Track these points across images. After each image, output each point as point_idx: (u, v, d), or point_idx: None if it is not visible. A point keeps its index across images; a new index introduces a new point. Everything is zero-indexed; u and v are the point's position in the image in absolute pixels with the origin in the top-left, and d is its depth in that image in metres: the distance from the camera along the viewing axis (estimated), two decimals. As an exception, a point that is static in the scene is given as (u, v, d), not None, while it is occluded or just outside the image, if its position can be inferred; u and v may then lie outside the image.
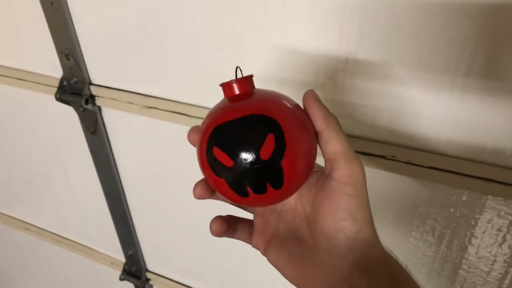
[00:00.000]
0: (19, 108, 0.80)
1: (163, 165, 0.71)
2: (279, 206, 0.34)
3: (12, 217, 1.07)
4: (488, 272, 0.51)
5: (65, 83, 0.67)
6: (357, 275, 0.27)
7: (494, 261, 0.50)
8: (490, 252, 0.50)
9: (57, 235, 1.01)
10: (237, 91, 0.29)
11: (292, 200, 0.33)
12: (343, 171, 0.27)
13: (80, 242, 0.98)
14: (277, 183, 0.27)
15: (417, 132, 0.46)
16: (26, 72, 0.72)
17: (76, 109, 0.69)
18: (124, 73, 0.63)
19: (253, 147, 0.26)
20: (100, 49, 0.62)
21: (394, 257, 0.29)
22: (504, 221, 0.47)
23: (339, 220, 0.27)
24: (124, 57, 0.61)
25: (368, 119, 0.48)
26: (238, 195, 0.28)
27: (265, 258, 0.34)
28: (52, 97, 0.67)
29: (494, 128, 0.42)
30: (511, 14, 0.36)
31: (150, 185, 0.75)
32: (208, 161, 0.28)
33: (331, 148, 0.28)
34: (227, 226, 0.32)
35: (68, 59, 0.64)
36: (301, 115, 0.28)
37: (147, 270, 0.91)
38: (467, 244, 0.50)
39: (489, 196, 0.46)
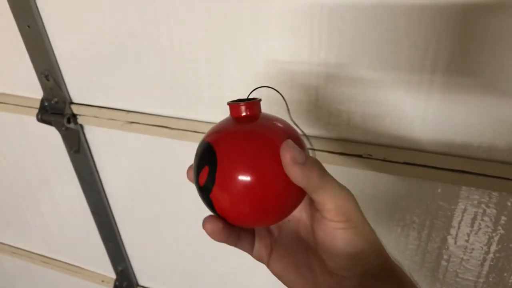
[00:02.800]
0: (0, 131, 0.80)
1: (149, 179, 0.71)
2: None
3: (-2, 242, 1.06)
4: (468, 260, 0.53)
5: (46, 103, 0.67)
6: (366, 284, 0.27)
7: (472, 249, 0.52)
8: (467, 240, 0.52)
9: (45, 256, 1.00)
10: (238, 114, 0.30)
11: (296, 210, 0.32)
12: (331, 208, 0.26)
13: (69, 262, 0.98)
14: (213, 210, 0.30)
15: (390, 130, 0.48)
16: (6, 95, 0.72)
17: (58, 128, 0.69)
18: (104, 90, 0.64)
19: (196, 171, 0.29)
20: (79, 68, 0.63)
21: (399, 265, 0.30)
22: (478, 210, 0.49)
23: (338, 248, 0.27)
24: (104, 74, 0.62)
25: (343, 120, 0.50)
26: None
27: (260, 271, 0.34)
28: (34, 118, 0.68)
29: (461, 122, 0.45)
30: (470, 14, 0.39)
31: (137, 199, 0.76)
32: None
33: (316, 198, 0.27)
34: (222, 225, 0.30)
35: (48, 80, 0.65)
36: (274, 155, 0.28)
37: (138, 285, 0.91)
38: (446, 234, 0.53)
39: (463, 187, 0.49)
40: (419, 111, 0.46)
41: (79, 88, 0.66)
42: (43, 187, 0.84)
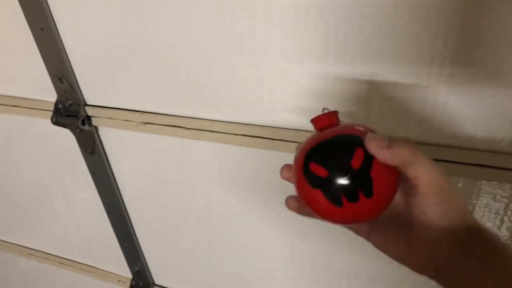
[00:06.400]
0: (16, 135, 0.80)
1: (163, 179, 0.71)
2: None
3: (14, 244, 1.07)
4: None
5: (60, 106, 0.68)
6: (458, 250, 0.29)
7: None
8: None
9: (61, 257, 1.01)
10: (325, 123, 0.33)
11: None
12: (423, 182, 0.28)
13: (85, 262, 0.98)
14: (368, 191, 0.29)
15: (410, 125, 0.48)
16: (21, 99, 0.72)
17: (72, 131, 0.69)
18: (118, 91, 0.64)
19: (345, 158, 0.29)
20: (93, 69, 0.63)
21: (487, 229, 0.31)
22: (501, 204, 0.48)
23: (431, 221, 0.29)
24: (117, 75, 0.62)
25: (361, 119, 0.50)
26: (333, 204, 0.30)
27: (275, 269, 0.34)
28: (48, 121, 0.68)
29: (481, 116, 0.44)
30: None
31: (152, 199, 0.76)
32: (305, 175, 0.31)
33: (409, 173, 0.29)
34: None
35: (62, 82, 0.65)
36: None
37: (154, 285, 0.92)
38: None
39: (484, 181, 0.48)
40: (439, 107, 0.45)
41: (93, 90, 0.66)
42: (58, 189, 0.85)
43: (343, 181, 0.29)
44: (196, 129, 0.60)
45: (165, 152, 0.67)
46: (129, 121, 0.64)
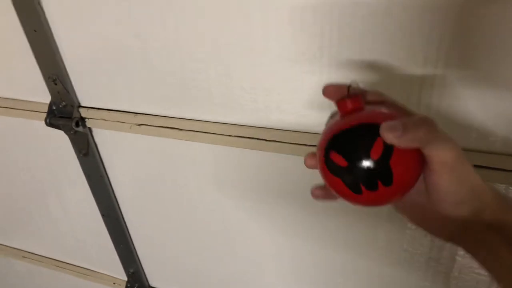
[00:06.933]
0: (10, 136, 0.80)
1: (159, 180, 0.71)
2: None
3: (8, 247, 1.06)
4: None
5: (54, 107, 0.67)
6: (473, 222, 0.31)
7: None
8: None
9: (56, 260, 1.00)
10: (349, 107, 0.33)
11: None
12: (436, 160, 0.29)
13: (80, 265, 0.98)
14: (387, 180, 0.30)
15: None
16: (14, 100, 0.72)
17: (67, 132, 0.69)
18: (112, 92, 0.64)
19: (365, 149, 0.30)
20: (87, 71, 0.63)
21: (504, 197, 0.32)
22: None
23: (441, 196, 0.30)
24: (111, 77, 0.62)
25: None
26: (352, 192, 0.31)
27: (270, 271, 0.34)
28: (42, 123, 0.68)
29: (475, 118, 0.44)
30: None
31: (147, 200, 0.76)
32: (326, 164, 0.32)
33: (424, 152, 0.30)
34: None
35: (56, 84, 0.65)
36: None
37: (150, 287, 0.91)
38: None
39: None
40: (433, 107, 0.45)
41: (87, 91, 0.66)
42: (53, 191, 0.84)
43: (362, 171, 0.30)
44: (190, 131, 0.60)
45: (159, 154, 0.67)
46: (123, 122, 0.64)
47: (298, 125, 0.54)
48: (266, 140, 0.56)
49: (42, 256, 1.02)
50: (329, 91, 0.34)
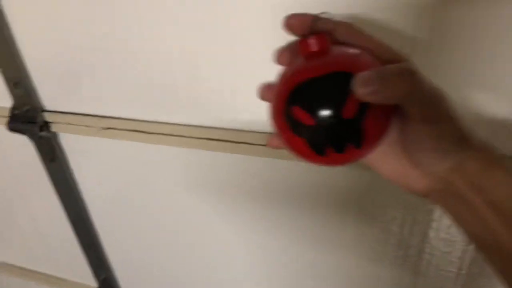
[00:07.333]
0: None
1: (129, 185, 0.70)
2: None
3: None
4: (450, 252, 0.54)
5: (16, 112, 0.65)
6: (454, 176, 0.28)
7: (454, 241, 0.53)
8: (448, 233, 0.52)
9: (26, 269, 0.97)
10: (315, 48, 0.27)
11: None
12: (416, 112, 0.26)
13: (49, 273, 0.95)
14: (358, 142, 0.26)
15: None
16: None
17: (31, 137, 0.67)
18: (78, 96, 0.62)
19: (336, 106, 0.25)
20: (51, 74, 0.61)
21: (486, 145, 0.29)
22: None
23: (421, 147, 0.28)
24: (76, 80, 0.60)
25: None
26: (316, 154, 0.27)
27: (247, 276, 0.33)
28: (4, 128, 0.66)
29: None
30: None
31: (117, 205, 0.74)
32: (286, 120, 0.27)
33: (403, 105, 0.26)
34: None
35: (18, 87, 0.62)
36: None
37: (122, 293, 0.90)
38: (427, 228, 0.53)
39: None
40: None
41: (51, 95, 0.64)
42: (19, 198, 0.82)
43: (331, 132, 0.26)
44: (159, 133, 0.59)
45: (128, 158, 0.66)
46: (90, 126, 0.63)
47: (268, 127, 0.54)
48: (236, 142, 0.55)
49: (11, 265, 0.99)
50: (291, 24, 0.28)
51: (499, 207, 0.27)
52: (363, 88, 0.24)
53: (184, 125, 0.58)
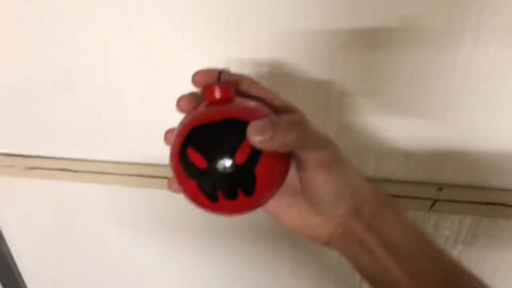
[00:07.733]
0: None
1: (56, 226, 0.66)
2: None
3: None
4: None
5: None
6: (352, 220, 0.29)
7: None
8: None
9: None
10: (218, 96, 0.28)
11: None
12: (311, 162, 0.27)
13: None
14: (249, 189, 0.26)
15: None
16: None
17: None
18: (0, 135, 0.59)
19: (229, 150, 0.26)
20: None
21: (380, 191, 0.31)
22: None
23: (319, 194, 0.29)
24: (-3, 119, 0.58)
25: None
26: (207, 199, 0.27)
27: None
28: None
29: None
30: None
31: (44, 249, 0.70)
32: (181, 161, 0.27)
33: (298, 154, 0.28)
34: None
35: None
36: None
37: None
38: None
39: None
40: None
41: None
42: None
43: (222, 177, 0.26)
44: (87, 172, 0.57)
45: (55, 198, 0.63)
46: (12, 166, 0.60)
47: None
48: (153, 177, 0.55)
49: None
50: (198, 79, 0.30)
51: (395, 249, 0.28)
52: (255, 135, 0.24)
53: (113, 162, 0.56)
